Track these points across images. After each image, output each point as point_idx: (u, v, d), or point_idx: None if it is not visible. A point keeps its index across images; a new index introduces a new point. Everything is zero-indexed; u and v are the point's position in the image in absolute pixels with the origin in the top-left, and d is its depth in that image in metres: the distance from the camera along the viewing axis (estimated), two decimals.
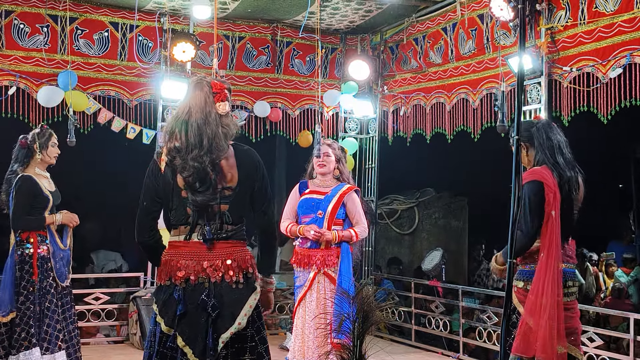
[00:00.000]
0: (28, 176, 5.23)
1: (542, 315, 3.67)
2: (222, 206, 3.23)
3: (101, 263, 11.11)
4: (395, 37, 8.15)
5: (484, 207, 10.87)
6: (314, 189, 5.36)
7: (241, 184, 3.26)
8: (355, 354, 4.82)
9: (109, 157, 10.31)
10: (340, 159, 5.42)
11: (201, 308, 3.16)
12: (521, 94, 3.44)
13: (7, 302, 5.10)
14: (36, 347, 5.12)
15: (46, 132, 5.36)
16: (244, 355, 3.22)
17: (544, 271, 3.72)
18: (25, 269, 5.16)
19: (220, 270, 3.20)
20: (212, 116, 3.24)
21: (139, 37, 7.60)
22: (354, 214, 5.29)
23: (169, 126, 3.29)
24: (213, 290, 3.18)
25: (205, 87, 3.31)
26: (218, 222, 3.23)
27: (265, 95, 8.23)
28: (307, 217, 5.29)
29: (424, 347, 7.64)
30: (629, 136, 10.83)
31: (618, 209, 12.72)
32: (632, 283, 9.36)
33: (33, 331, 5.12)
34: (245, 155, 3.31)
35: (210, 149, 3.19)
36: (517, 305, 3.82)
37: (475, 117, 7.02)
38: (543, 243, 3.76)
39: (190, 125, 3.21)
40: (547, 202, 3.76)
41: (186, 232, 3.24)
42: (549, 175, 3.80)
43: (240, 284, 3.22)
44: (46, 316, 5.18)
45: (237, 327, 3.16)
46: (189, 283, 3.20)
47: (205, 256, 3.21)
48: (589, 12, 5.76)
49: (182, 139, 3.21)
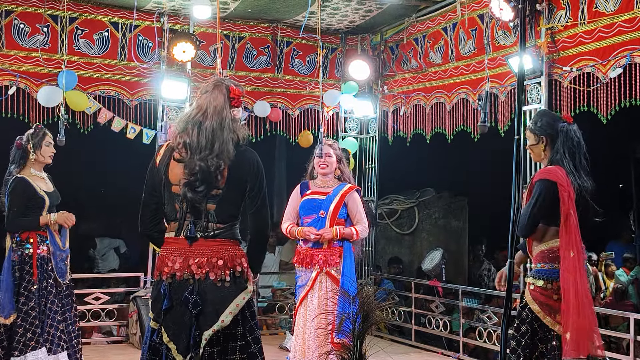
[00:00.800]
0: (21, 178, 5.22)
1: (584, 314, 3.67)
2: (209, 205, 3.26)
3: (104, 249, 11.09)
4: (396, 37, 8.15)
5: (484, 207, 10.87)
6: (315, 189, 5.38)
7: (229, 184, 3.26)
8: (355, 354, 4.82)
9: (109, 157, 10.32)
10: (341, 159, 5.46)
11: (184, 304, 3.20)
12: (521, 94, 3.45)
13: (7, 303, 5.09)
14: (43, 348, 5.13)
15: (40, 132, 5.35)
16: (234, 354, 3.24)
17: (576, 270, 3.70)
18: (25, 270, 5.15)
19: (205, 267, 3.23)
20: (227, 121, 3.28)
21: (139, 37, 7.60)
22: (354, 214, 5.33)
23: (182, 122, 3.31)
24: (197, 288, 3.22)
25: (224, 90, 3.34)
26: (204, 220, 3.25)
27: (265, 95, 8.23)
28: (309, 218, 5.31)
29: (424, 347, 7.64)
30: (629, 136, 10.83)
31: (618, 209, 12.72)
32: (631, 283, 9.36)
33: (39, 331, 5.11)
34: (240, 154, 3.31)
35: (219, 154, 3.22)
36: (530, 302, 3.83)
37: (476, 117, 7.01)
38: (567, 242, 3.74)
39: (205, 127, 3.24)
40: (562, 201, 3.75)
41: (175, 228, 3.29)
42: (563, 175, 3.80)
43: (226, 282, 3.24)
44: (48, 317, 5.18)
45: (220, 325, 3.19)
46: (174, 279, 3.25)
47: (192, 253, 3.24)
48: (589, 12, 5.76)
49: (193, 137, 3.24)
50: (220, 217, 3.27)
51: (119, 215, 11.72)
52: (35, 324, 5.10)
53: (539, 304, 3.80)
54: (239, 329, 3.25)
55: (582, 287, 3.71)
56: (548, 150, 3.95)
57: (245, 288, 3.28)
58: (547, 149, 3.95)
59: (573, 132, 3.92)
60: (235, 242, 3.32)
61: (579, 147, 3.91)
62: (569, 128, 3.93)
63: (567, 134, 3.90)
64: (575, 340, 3.63)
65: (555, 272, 3.80)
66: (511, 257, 4.28)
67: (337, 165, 5.41)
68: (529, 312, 3.82)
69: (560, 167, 3.85)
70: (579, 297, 3.67)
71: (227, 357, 3.24)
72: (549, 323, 3.78)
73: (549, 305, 3.80)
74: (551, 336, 3.78)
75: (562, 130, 3.91)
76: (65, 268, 5.33)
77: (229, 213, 3.29)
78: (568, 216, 3.74)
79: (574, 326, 3.64)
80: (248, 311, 3.29)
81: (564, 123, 3.96)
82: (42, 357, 5.11)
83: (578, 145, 3.91)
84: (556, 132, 3.92)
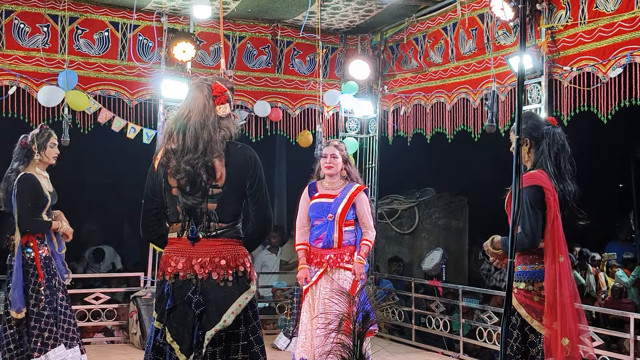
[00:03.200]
0: (30, 175, 5.24)
1: (578, 319, 3.67)
2: (210, 205, 3.26)
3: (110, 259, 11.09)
4: (396, 37, 8.14)
5: (484, 207, 10.83)
6: (323, 192, 5.44)
7: (229, 182, 3.26)
8: (355, 354, 4.83)
9: (109, 157, 10.31)
10: (347, 160, 5.51)
11: (187, 304, 3.21)
12: (521, 93, 3.44)
13: (18, 299, 5.13)
14: (61, 345, 5.23)
15: (45, 133, 5.36)
16: (236, 354, 3.25)
17: (567, 275, 3.69)
18: (31, 272, 5.21)
19: (207, 267, 3.23)
20: (210, 120, 3.26)
21: (139, 37, 7.60)
22: (362, 216, 5.43)
23: (168, 128, 3.34)
24: (199, 287, 3.22)
25: (205, 90, 3.33)
26: (206, 220, 3.25)
27: (265, 95, 8.23)
28: (318, 221, 5.41)
29: (424, 347, 7.64)
30: (629, 136, 10.84)
31: (618, 209, 12.73)
32: (633, 284, 9.36)
33: (55, 329, 5.21)
34: (236, 152, 3.30)
35: (204, 153, 3.21)
36: (517, 307, 3.79)
37: (476, 117, 7.02)
38: (554, 246, 3.71)
39: (189, 128, 3.24)
40: (549, 205, 3.72)
41: (178, 229, 3.30)
42: (546, 178, 3.78)
43: (229, 282, 3.24)
44: (60, 312, 5.28)
45: (222, 325, 3.19)
46: (177, 279, 3.26)
47: (194, 253, 3.25)
48: (589, 12, 5.76)
49: (179, 141, 3.25)
50: (221, 217, 3.27)
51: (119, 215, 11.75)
52: (50, 323, 5.19)
53: (525, 307, 3.78)
54: (241, 328, 3.26)
55: (575, 292, 3.71)
56: (532, 153, 3.89)
57: (247, 288, 3.28)
58: (531, 152, 3.89)
59: (558, 135, 3.87)
60: (238, 242, 3.33)
61: (564, 150, 3.86)
62: (554, 131, 3.87)
63: (553, 136, 3.85)
64: (572, 347, 3.63)
65: (536, 273, 3.78)
66: (511, 257, 4.27)
67: (343, 166, 5.46)
68: (517, 317, 3.80)
69: (542, 170, 3.81)
70: (573, 303, 3.67)
71: (230, 356, 3.24)
72: (537, 327, 3.76)
73: (533, 307, 3.77)
74: (538, 340, 3.77)
75: (547, 133, 3.86)
76: (64, 269, 5.39)
77: (230, 212, 3.30)
78: (554, 220, 3.72)
79: (572, 332, 3.64)
80: (251, 311, 3.30)
81: (549, 126, 3.91)
82: (61, 353, 5.22)
83: (563, 148, 3.85)
84: (541, 135, 3.86)
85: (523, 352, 3.79)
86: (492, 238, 4.00)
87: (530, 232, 3.70)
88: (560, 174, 3.83)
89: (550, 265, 3.71)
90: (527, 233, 3.70)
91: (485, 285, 9.83)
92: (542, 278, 3.76)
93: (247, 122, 8.09)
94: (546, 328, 3.69)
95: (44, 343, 5.15)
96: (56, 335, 5.20)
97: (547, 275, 3.71)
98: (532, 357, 3.79)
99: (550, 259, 3.72)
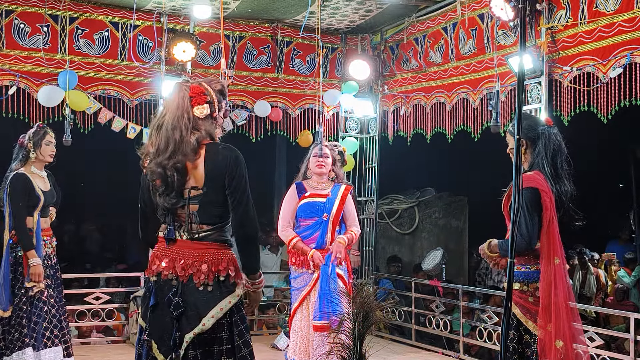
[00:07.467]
0: (21, 173, 5.26)
1: (571, 319, 3.67)
2: (192, 206, 3.23)
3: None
4: (396, 37, 8.15)
5: (484, 207, 10.84)
6: (313, 192, 5.42)
7: (208, 183, 3.22)
8: (355, 354, 4.82)
9: (109, 157, 10.33)
10: (336, 162, 5.57)
11: (167, 306, 3.20)
12: (521, 93, 3.44)
13: (5, 297, 5.15)
14: (29, 347, 5.19)
15: (40, 131, 5.37)
16: (220, 358, 3.21)
17: (562, 277, 3.69)
18: (19, 271, 5.22)
19: (189, 270, 3.21)
20: (183, 120, 3.22)
21: (139, 37, 7.60)
22: (348, 215, 5.46)
23: (149, 130, 3.35)
24: (180, 290, 3.20)
25: (182, 91, 3.29)
26: (188, 222, 3.23)
27: (265, 95, 8.22)
28: (309, 221, 5.36)
29: (425, 347, 7.63)
30: (629, 136, 10.84)
31: (618, 209, 12.73)
32: (634, 285, 9.36)
33: (26, 331, 5.18)
34: (217, 153, 3.24)
35: (174, 153, 3.18)
36: (513, 307, 3.78)
37: (476, 117, 7.02)
38: (550, 248, 3.71)
39: (162, 130, 3.23)
40: (545, 207, 3.72)
41: (165, 229, 3.29)
42: (542, 179, 3.78)
43: (209, 286, 3.20)
44: (33, 314, 5.24)
45: (201, 328, 3.16)
46: (160, 278, 3.25)
47: (177, 254, 3.23)
48: (589, 12, 5.76)
49: (156, 144, 3.25)
50: (203, 218, 3.22)
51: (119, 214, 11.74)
52: (22, 324, 5.18)
53: (520, 308, 3.79)
54: (224, 332, 3.21)
55: (570, 294, 3.71)
56: (529, 154, 3.88)
57: (231, 292, 3.24)
58: (527, 153, 3.88)
59: (554, 136, 3.86)
60: (223, 246, 3.27)
61: (560, 150, 3.86)
62: (550, 131, 3.87)
63: (549, 137, 3.84)
64: (566, 349, 3.63)
65: (530, 274, 3.79)
66: (511, 257, 4.27)
67: (332, 167, 5.50)
68: (513, 318, 3.80)
69: (539, 172, 3.80)
70: (568, 304, 3.68)
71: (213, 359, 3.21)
72: (532, 328, 3.76)
73: (527, 308, 3.77)
74: (533, 340, 3.77)
75: (542, 133, 3.86)
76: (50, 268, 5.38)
77: (213, 213, 3.24)
78: (550, 222, 3.71)
79: (566, 335, 3.64)
80: (237, 315, 3.25)
81: (545, 126, 3.90)
82: (28, 356, 5.18)
83: (559, 149, 3.85)
84: (537, 136, 3.85)
85: (519, 352, 3.79)
86: (489, 242, 3.99)
87: (526, 234, 3.69)
88: (556, 175, 3.83)
89: (545, 267, 3.71)
90: (523, 235, 3.69)
91: (485, 285, 9.84)
92: (537, 279, 3.77)
93: (247, 122, 8.09)
94: (540, 329, 3.69)
95: (13, 343, 5.15)
96: (24, 337, 5.17)
97: (543, 277, 3.71)
98: (527, 358, 3.79)
99: (545, 261, 3.72)
